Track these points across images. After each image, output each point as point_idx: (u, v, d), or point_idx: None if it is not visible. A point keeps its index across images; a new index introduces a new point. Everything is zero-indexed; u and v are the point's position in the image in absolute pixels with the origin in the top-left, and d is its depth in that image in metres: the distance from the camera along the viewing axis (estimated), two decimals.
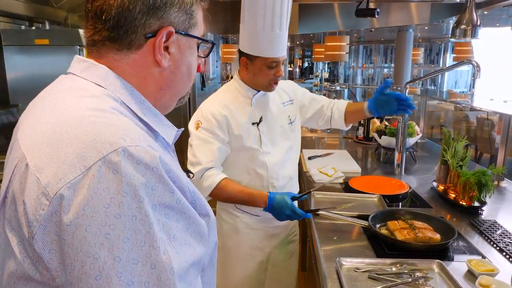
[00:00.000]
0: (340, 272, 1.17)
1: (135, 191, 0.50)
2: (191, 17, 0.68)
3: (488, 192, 1.67)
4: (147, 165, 0.52)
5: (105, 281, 0.49)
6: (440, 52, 11.50)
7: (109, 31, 0.62)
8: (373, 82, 13.06)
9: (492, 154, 4.95)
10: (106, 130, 0.54)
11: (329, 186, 2.06)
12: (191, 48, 0.70)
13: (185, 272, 0.54)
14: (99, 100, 0.60)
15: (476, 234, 1.48)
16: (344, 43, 6.01)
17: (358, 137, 3.32)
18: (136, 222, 0.50)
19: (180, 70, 0.69)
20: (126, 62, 0.64)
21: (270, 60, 1.54)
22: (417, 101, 4.30)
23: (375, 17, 2.63)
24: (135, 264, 0.49)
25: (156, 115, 0.67)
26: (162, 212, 0.53)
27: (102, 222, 0.49)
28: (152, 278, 0.50)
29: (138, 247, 0.50)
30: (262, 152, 1.64)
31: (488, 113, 4.77)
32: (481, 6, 2.86)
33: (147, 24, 0.62)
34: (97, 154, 0.51)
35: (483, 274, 1.13)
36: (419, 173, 2.35)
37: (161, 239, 0.51)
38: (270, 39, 1.51)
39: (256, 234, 1.71)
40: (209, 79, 4.28)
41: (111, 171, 0.50)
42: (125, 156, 0.51)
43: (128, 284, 0.49)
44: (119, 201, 0.50)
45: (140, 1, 0.61)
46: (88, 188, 0.49)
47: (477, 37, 2.15)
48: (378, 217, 1.51)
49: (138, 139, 0.55)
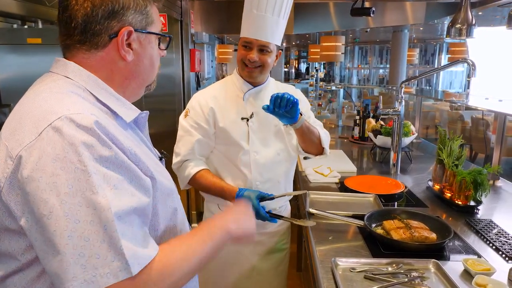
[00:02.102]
0: (336, 272, 1.15)
1: (76, 147, 0.63)
2: (147, 17, 0.81)
3: (484, 191, 1.66)
4: (86, 127, 0.66)
5: (54, 220, 0.61)
6: (435, 53, 11.56)
7: (78, 36, 0.76)
8: (368, 83, 13.10)
9: (487, 153, 4.97)
10: (56, 104, 0.68)
11: (325, 186, 2.05)
12: (151, 43, 0.83)
13: (125, 214, 0.65)
14: (61, 86, 0.74)
15: (472, 233, 1.47)
16: (340, 44, 6.02)
17: (354, 136, 3.31)
18: (78, 172, 0.63)
19: (143, 62, 0.83)
20: (94, 59, 0.78)
21: (243, 40, 1.51)
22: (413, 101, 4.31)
23: (370, 16, 2.62)
24: (80, 206, 0.62)
25: (118, 99, 0.80)
26: (103, 164, 0.65)
27: (50, 173, 0.62)
28: (95, 217, 0.62)
29: (81, 192, 0.62)
30: (248, 150, 1.56)
31: (483, 113, 4.78)
32: (476, 6, 2.86)
33: (109, 26, 0.75)
34: (46, 122, 0.65)
35: (479, 273, 1.12)
36: (415, 173, 2.34)
37: (100, 186, 0.63)
38: (251, 19, 1.48)
39: None
40: (204, 79, 4.26)
41: (57, 133, 0.64)
42: (67, 121, 0.65)
43: (75, 222, 0.61)
44: (63, 156, 0.63)
45: (101, 9, 0.74)
46: (39, 148, 0.63)
47: (472, 36, 2.15)
48: (374, 216, 1.50)
49: (82, 109, 0.68)
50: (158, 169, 0.82)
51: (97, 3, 0.74)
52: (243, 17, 1.52)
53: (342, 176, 2.14)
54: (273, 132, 1.62)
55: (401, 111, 2.22)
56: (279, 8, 1.47)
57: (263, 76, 1.59)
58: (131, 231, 0.66)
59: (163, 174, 0.83)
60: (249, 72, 1.54)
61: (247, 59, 1.51)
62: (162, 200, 0.79)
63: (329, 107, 5.22)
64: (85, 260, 0.61)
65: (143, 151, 0.80)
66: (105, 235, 0.62)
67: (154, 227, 0.78)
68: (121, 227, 0.64)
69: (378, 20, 4.48)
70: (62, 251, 0.61)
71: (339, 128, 4.08)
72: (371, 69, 13.03)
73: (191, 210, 3.84)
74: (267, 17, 1.46)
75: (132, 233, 0.66)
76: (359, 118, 3.23)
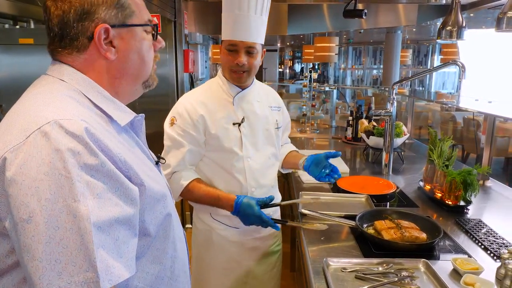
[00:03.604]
0: (327, 273, 1.16)
1: (61, 154, 0.62)
2: (123, 9, 0.78)
3: (473, 191, 1.68)
4: (74, 134, 0.65)
5: (34, 225, 0.60)
6: (428, 54, 11.66)
7: (58, 42, 0.76)
8: (362, 83, 13.17)
9: (478, 154, 5.02)
10: (47, 108, 0.68)
11: (318, 186, 2.06)
12: (136, 35, 0.80)
13: (108, 225, 0.64)
14: (56, 89, 0.74)
15: (462, 233, 1.49)
16: (333, 44, 6.04)
17: (346, 137, 3.33)
18: (61, 179, 0.62)
19: (130, 58, 0.80)
20: (79, 62, 0.78)
21: (227, 43, 1.44)
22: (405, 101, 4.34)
23: (362, 18, 2.64)
24: (60, 213, 0.61)
25: (113, 101, 0.80)
26: (88, 172, 0.64)
27: (34, 178, 0.61)
28: (74, 225, 0.61)
29: (63, 199, 0.61)
30: (242, 156, 1.52)
31: (474, 113, 4.84)
32: (467, 8, 2.90)
33: (84, 28, 0.75)
34: (35, 126, 0.65)
35: (467, 272, 1.14)
36: (407, 173, 2.37)
37: (83, 194, 0.62)
38: (233, 19, 1.41)
39: (233, 247, 1.59)
40: (198, 79, 4.25)
41: (44, 138, 0.63)
42: (56, 127, 0.64)
43: (54, 228, 0.61)
44: (48, 162, 0.62)
45: (72, 13, 0.74)
46: (25, 151, 0.63)
47: (463, 38, 2.17)
48: (366, 217, 1.51)
49: (73, 115, 0.68)
50: (151, 174, 0.81)
51: (67, 8, 0.73)
52: (224, 19, 1.46)
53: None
54: (264, 136, 1.60)
55: (393, 112, 2.24)
56: (260, 5, 1.43)
57: (251, 78, 1.57)
58: (114, 243, 0.65)
59: (155, 179, 0.82)
60: (238, 77, 1.50)
61: (234, 64, 1.45)
62: (150, 206, 0.78)
63: (323, 107, 5.24)
64: (62, 267, 0.60)
65: (136, 156, 0.80)
66: (81, 244, 0.61)
67: (143, 234, 0.76)
68: (99, 238, 0.63)
69: (371, 21, 4.52)
70: (39, 257, 0.60)
71: (332, 128, 4.10)
72: (365, 70, 13.10)
73: (185, 211, 3.84)
74: (250, 16, 1.41)
75: (115, 245, 0.65)
76: (352, 118, 3.26)
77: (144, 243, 0.77)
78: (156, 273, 0.81)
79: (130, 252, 0.69)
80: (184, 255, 0.93)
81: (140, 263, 0.77)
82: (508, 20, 1.53)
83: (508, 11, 1.52)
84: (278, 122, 1.68)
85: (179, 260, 0.89)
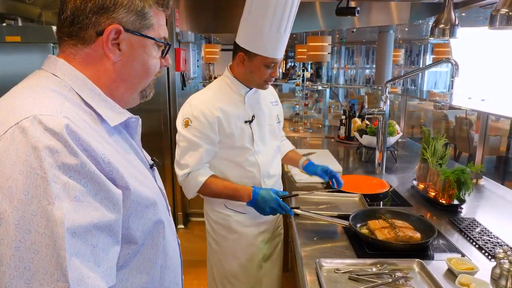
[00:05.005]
0: (320, 274, 1.14)
1: (38, 151, 0.58)
2: (143, 19, 0.76)
3: (467, 190, 1.67)
4: (53, 131, 0.60)
5: (4, 227, 0.56)
6: (420, 53, 11.71)
7: (66, 28, 0.73)
8: (355, 83, 13.20)
9: (471, 152, 5.04)
10: (29, 103, 0.64)
11: (311, 185, 2.05)
12: (145, 47, 0.78)
13: (84, 231, 0.60)
14: (44, 84, 0.70)
15: (456, 232, 1.47)
16: (326, 44, 6.03)
17: (340, 136, 3.32)
18: (36, 179, 0.57)
19: (132, 65, 0.77)
20: (80, 55, 0.74)
21: (270, 61, 1.54)
22: (398, 100, 4.34)
23: (355, 15, 2.63)
24: (34, 216, 0.57)
25: (106, 101, 0.76)
26: (66, 173, 0.60)
27: (7, 176, 0.57)
28: (47, 230, 0.57)
29: (37, 200, 0.57)
30: (254, 151, 1.63)
31: (466, 112, 4.86)
32: (459, 6, 2.89)
33: (97, 22, 0.72)
34: (13, 121, 0.61)
35: (462, 272, 1.12)
36: (400, 172, 2.36)
37: (58, 196, 0.58)
38: (275, 39, 1.50)
39: (249, 231, 1.70)
40: (190, 79, 4.21)
41: (22, 134, 0.59)
42: (35, 122, 0.60)
43: (26, 233, 0.56)
44: (23, 160, 0.58)
45: (91, 3, 0.71)
46: (1, 147, 0.59)
47: (456, 36, 2.16)
48: (359, 216, 1.49)
49: (55, 111, 0.64)
50: (140, 178, 0.77)
51: None
52: (263, 37, 1.49)
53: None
54: (269, 131, 1.72)
55: (386, 111, 2.23)
56: (290, 25, 1.54)
57: None
58: (91, 251, 0.61)
59: (145, 184, 0.78)
60: (267, 85, 1.64)
61: (270, 77, 1.59)
62: (137, 211, 0.73)
63: (315, 106, 5.22)
64: (31, 274, 0.56)
65: (126, 159, 0.76)
66: (54, 250, 0.57)
67: (127, 241, 0.72)
68: (73, 245, 0.58)
69: (364, 20, 4.51)
70: (7, 262, 0.56)
71: (325, 127, 4.09)
72: (358, 69, 13.13)
73: (177, 211, 3.79)
74: (285, 36, 1.54)
75: (92, 253, 0.61)
76: (345, 117, 3.24)
77: (128, 251, 0.72)
78: (142, 284, 0.76)
79: (110, 261, 0.65)
80: (176, 266, 0.88)
81: (123, 273, 0.72)
82: (501, 18, 1.52)
83: (501, 8, 1.51)
84: (279, 116, 1.81)
85: (170, 271, 0.84)
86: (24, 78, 0.77)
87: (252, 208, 1.53)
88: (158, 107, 3.48)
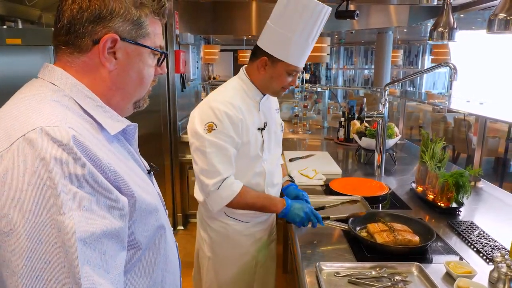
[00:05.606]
0: (320, 277, 1.15)
1: (47, 163, 0.59)
2: (139, 28, 0.76)
3: (465, 193, 1.69)
4: (60, 142, 0.61)
5: (15, 238, 0.57)
6: (418, 54, 11.75)
7: (63, 36, 0.74)
8: (354, 83, 13.22)
9: (469, 154, 5.07)
10: (34, 114, 0.65)
11: (310, 188, 2.06)
12: (141, 55, 0.79)
13: (94, 239, 0.61)
14: (44, 94, 0.71)
15: (454, 235, 1.49)
16: (325, 45, 6.04)
17: (339, 138, 3.33)
18: (46, 190, 0.58)
19: (128, 74, 0.78)
20: (77, 63, 0.75)
21: (293, 68, 1.51)
22: (397, 102, 4.36)
23: (354, 19, 2.64)
24: (44, 226, 0.58)
25: (105, 109, 0.76)
26: (75, 183, 0.61)
27: (17, 188, 0.58)
28: (58, 239, 0.58)
29: (47, 211, 0.58)
30: (262, 159, 1.58)
31: (465, 114, 4.88)
32: (458, 9, 2.91)
33: (93, 31, 0.73)
34: (20, 133, 0.61)
35: (461, 276, 1.14)
36: (399, 174, 2.37)
37: (68, 206, 0.59)
38: (302, 48, 1.48)
39: (246, 239, 1.66)
40: (190, 80, 4.22)
41: (29, 146, 0.60)
42: (42, 134, 0.61)
43: (37, 243, 0.57)
44: (32, 171, 0.59)
45: (87, 12, 0.72)
46: (8, 159, 0.59)
47: (454, 39, 2.18)
48: (358, 219, 1.51)
49: (60, 122, 0.64)
50: (142, 184, 0.79)
51: (84, 6, 0.71)
52: (291, 45, 1.45)
53: (327, 178, 2.15)
54: (274, 139, 1.68)
55: (385, 114, 2.24)
56: (318, 35, 1.52)
57: None
58: (100, 258, 0.62)
59: (146, 190, 0.79)
60: (281, 93, 1.60)
61: (288, 85, 1.55)
62: (141, 217, 0.75)
63: (315, 108, 5.24)
64: (43, 284, 0.57)
65: (128, 166, 0.77)
66: (66, 260, 0.58)
67: (131, 246, 0.73)
68: (85, 253, 0.59)
69: (363, 22, 4.53)
70: (19, 273, 0.56)
71: (324, 129, 4.10)
72: (356, 70, 13.15)
73: (177, 212, 3.80)
74: (311, 45, 1.51)
75: (102, 261, 0.62)
76: (344, 119, 3.26)
77: (133, 256, 0.74)
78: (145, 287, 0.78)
79: (118, 267, 0.66)
80: (176, 268, 0.90)
81: (127, 278, 0.74)
82: (499, 22, 1.53)
83: (500, 13, 1.53)
84: (282, 123, 1.78)
85: (170, 274, 0.86)
86: (24, 81, 0.77)
87: (253, 217, 1.53)
88: (158, 109, 3.49)
